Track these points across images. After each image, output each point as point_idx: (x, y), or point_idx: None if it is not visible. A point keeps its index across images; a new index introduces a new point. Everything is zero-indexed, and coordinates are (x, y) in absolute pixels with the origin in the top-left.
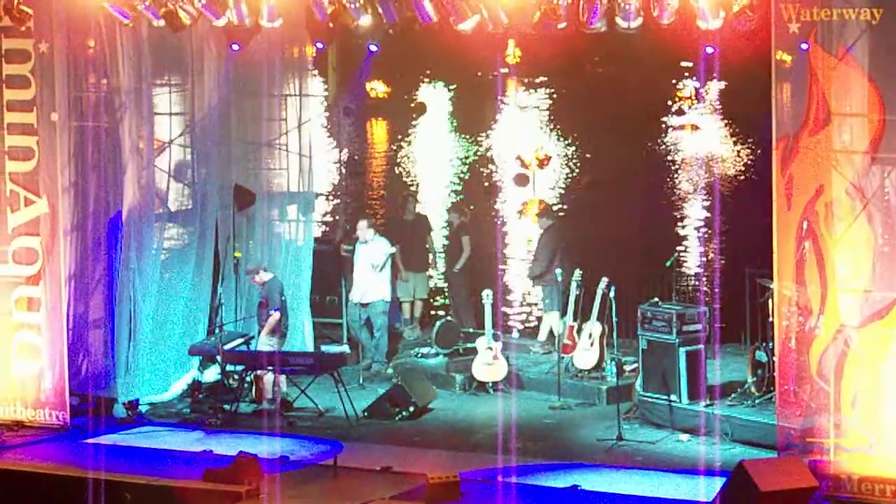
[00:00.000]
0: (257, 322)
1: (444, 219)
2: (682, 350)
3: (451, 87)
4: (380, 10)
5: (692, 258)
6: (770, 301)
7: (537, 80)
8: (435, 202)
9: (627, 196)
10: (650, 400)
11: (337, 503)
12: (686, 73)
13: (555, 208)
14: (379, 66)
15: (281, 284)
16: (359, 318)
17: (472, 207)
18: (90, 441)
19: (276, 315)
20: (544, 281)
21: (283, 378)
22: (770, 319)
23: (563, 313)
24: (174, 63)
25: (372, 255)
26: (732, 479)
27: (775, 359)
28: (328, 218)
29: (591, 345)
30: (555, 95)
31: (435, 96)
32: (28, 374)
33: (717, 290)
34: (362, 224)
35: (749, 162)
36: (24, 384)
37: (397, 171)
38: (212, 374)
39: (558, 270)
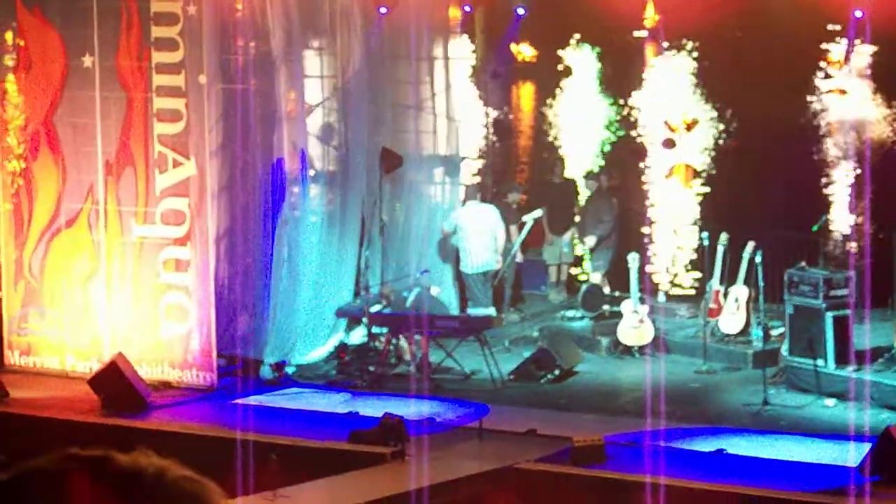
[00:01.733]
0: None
1: (592, 182)
2: (829, 315)
3: (598, 50)
4: None
5: (840, 223)
6: None
7: (682, 44)
8: (582, 165)
9: (774, 160)
10: (796, 365)
11: (482, 465)
12: (834, 38)
13: (702, 172)
14: (526, 29)
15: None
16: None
17: (618, 171)
18: (237, 402)
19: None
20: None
21: (429, 340)
22: None
23: (710, 277)
24: (322, 26)
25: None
26: (879, 444)
27: None
28: (475, 180)
29: (738, 309)
30: (700, 59)
31: (581, 59)
32: (176, 335)
33: (864, 255)
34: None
35: None
36: (171, 345)
37: (544, 135)
38: (358, 336)
39: (705, 234)
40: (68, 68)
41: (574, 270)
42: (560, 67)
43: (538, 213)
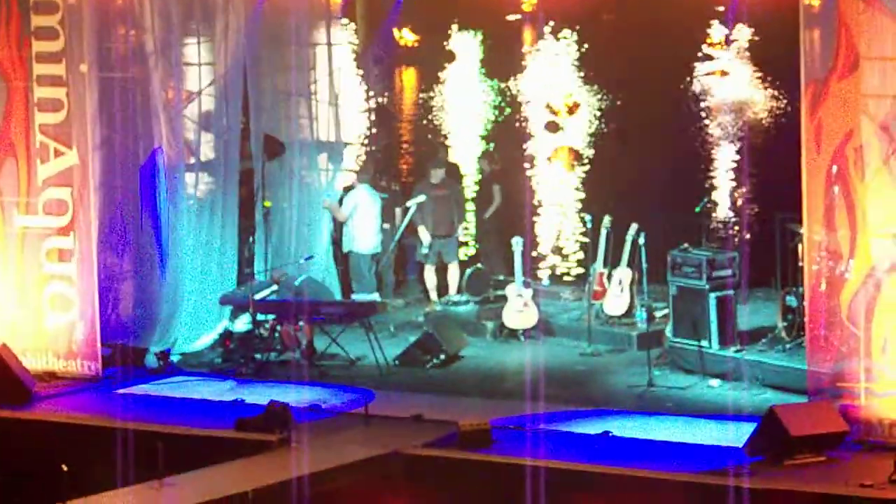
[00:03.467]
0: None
1: (475, 166)
2: (712, 296)
3: (479, 34)
4: None
5: (722, 204)
6: (800, 246)
7: (563, 28)
8: (465, 150)
9: (657, 142)
10: (680, 346)
11: (368, 451)
12: (715, 19)
13: (585, 155)
14: (408, 14)
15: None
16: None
17: (501, 155)
18: (122, 391)
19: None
20: None
21: (313, 327)
22: (800, 264)
23: (594, 259)
24: (202, 13)
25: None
26: (763, 424)
27: (805, 304)
28: (358, 166)
29: (622, 291)
30: (581, 42)
31: (463, 43)
32: (60, 325)
33: (746, 236)
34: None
35: (778, 107)
36: (56, 335)
37: (427, 120)
38: (242, 324)
39: (588, 216)
40: None
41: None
42: (442, 52)
43: (421, 198)
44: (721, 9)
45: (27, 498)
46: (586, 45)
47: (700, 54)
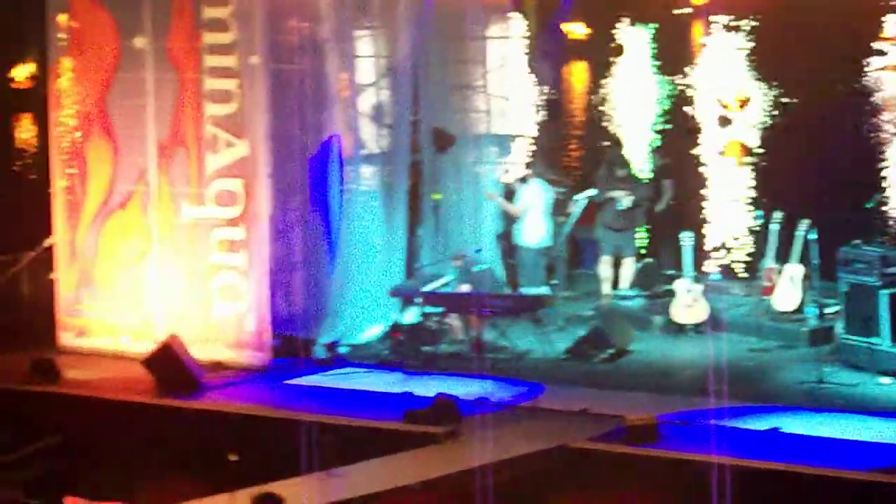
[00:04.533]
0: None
1: (645, 161)
2: (884, 292)
3: (649, 28)
4: None
5: (894, 200)
6: None
7: (734, 21)
8: (635, 144)
9: (829, 137)
10: (851, 342)
11: (535, 445)
12: (889, 14)
13: (755, 149)
14: (577, 8)
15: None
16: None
17: (671, 149)
18: (290, 382)
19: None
20: None
21: (482, 320)
22: None
23: (763, 255)
24: (374, 5)
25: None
26: None
27: None
28: (527, 160)
29: (792, 287)
30: (753, 36)
31: (633, 37)
32: (229, 315)
33: None
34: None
35: None
36: (224, 325)
37: (597, 113)
38: (411, 316)
39: (758, 212)
40: (120, 50)
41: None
42: (612, 46)
43: (591, 192)
44: (893, 2)
45: (195, 487)
46: (756, 40)
47: (873, 49)
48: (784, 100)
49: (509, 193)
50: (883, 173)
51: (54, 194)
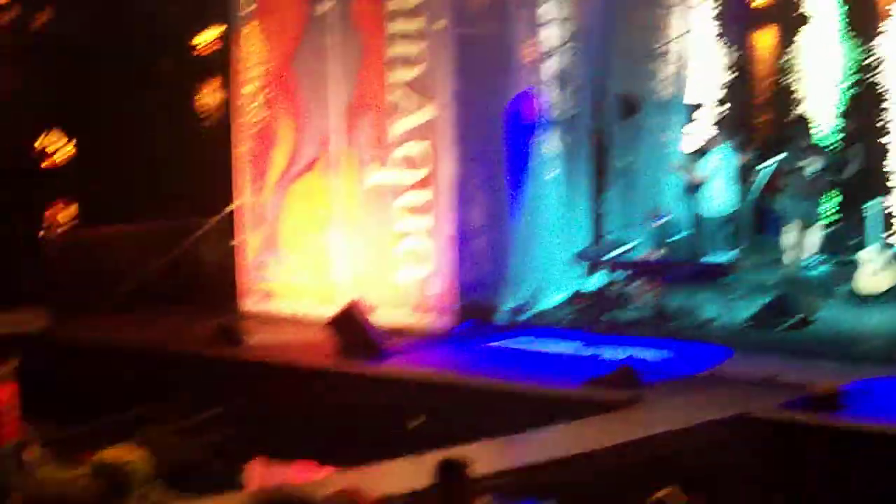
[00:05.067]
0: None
1: (833, 128)
2: None
3: None
4: None
5: None
6: None
7: None
8: (822, 111)
9: None
10: None
11: (718, 413)
12: None
13: None
14: None
15: None
16: None
17: (860, 116)
18: (473, 347)
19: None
20: None
21: (667, 286)
22: None
23: None
24: None
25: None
26: None
27: None
28: (712, 127)
29: None
30: None
31: (820, 3)
32: (413, 279)
33: None
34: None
35: None
36: (408, 290)
37: (783, 81)
38: (595, 282)
39: None
40: (306, 15)
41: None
42: (798, 12)
43: (777, 159)
44: None
45: (377, 452)
46: None
47: None
48: None
49: (693, 160)
50: None
51: (238, 159)
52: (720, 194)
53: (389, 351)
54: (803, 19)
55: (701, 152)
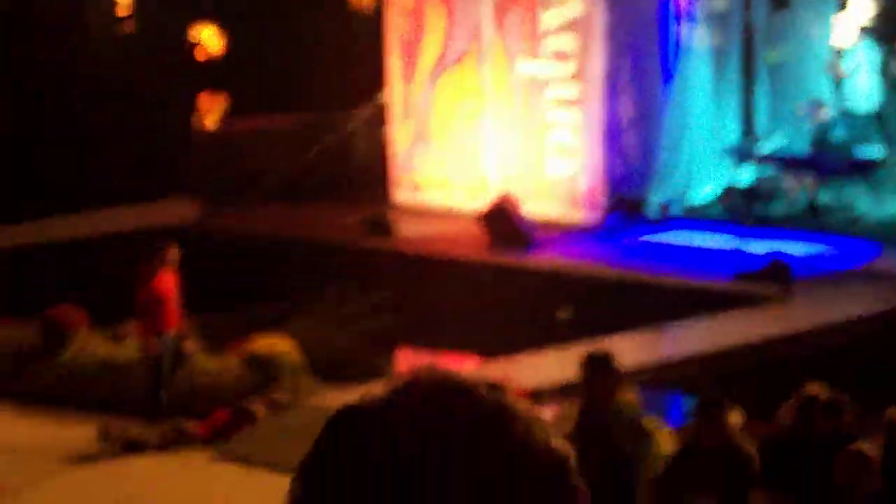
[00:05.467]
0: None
1: None
2: None
3: None
4: None
5: None
6: None
7: None
8: None
9: None
10: None
11: (870, 307)
12: None
13: None
14: None
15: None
16: None
17: None
18: (623, 241)
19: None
20: None
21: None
22: None
23: None
24: None
25: None
26: None
27: None
28: (862, 20)
29: None
30: None
31: None
32: (563, 173)
33: None
34: None
35: None
36: (558, 183)
37: None
38: (745, 177)
39: None
40: None
41: None
42: None
43: None
44: None
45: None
46: None
47: None
48: None
49: (842, 55)
50: None
51: (389, 51)
52: (868, 89)
53: (539, 243)
54: None
55: (850, 47)
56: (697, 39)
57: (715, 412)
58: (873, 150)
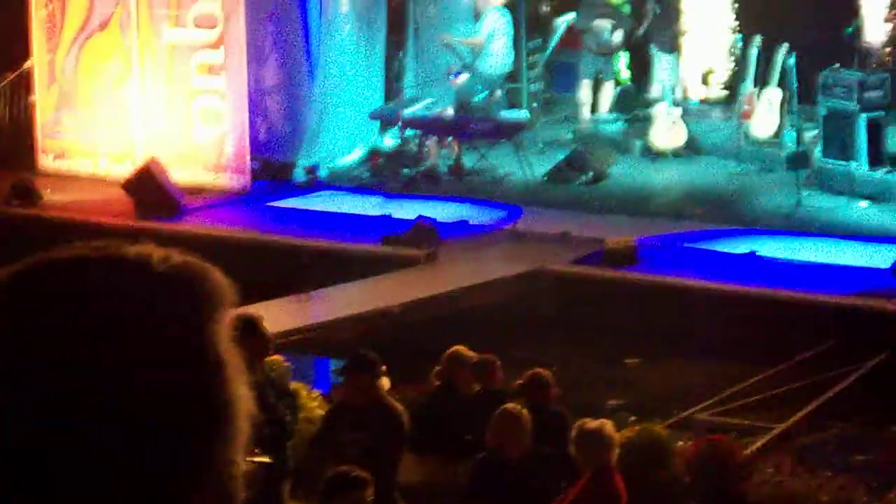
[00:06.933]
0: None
1: None
2: (862, 116)
3: None
4: None
5: (875, 25)
6: None
7: None
8: None
9: None
10: (829, 166)
11: (515, 267)
12: None
13: None
14: None
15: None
16: None
17: None
18: (270, 205)
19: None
20: None
21: (462, 143)
22: None
23: (744, 79)
24: None
25: None
26: None
27: None
28: None
29: (771, 111)
30: None
31: None
32: (209, 138)
33: None
34: None
35: None
36: (205, 149)
37: None
38: (391, 140)
39: (738, 36)
40: None
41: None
42: None
43: (570, 15)
44: None
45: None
46: None
47: None
48: None
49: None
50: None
51: (32, 16)
52: (505, 52)
53: (187, 209)
54: None
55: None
56: (342, 4)
57: (364, 372)
58: (517, 113)
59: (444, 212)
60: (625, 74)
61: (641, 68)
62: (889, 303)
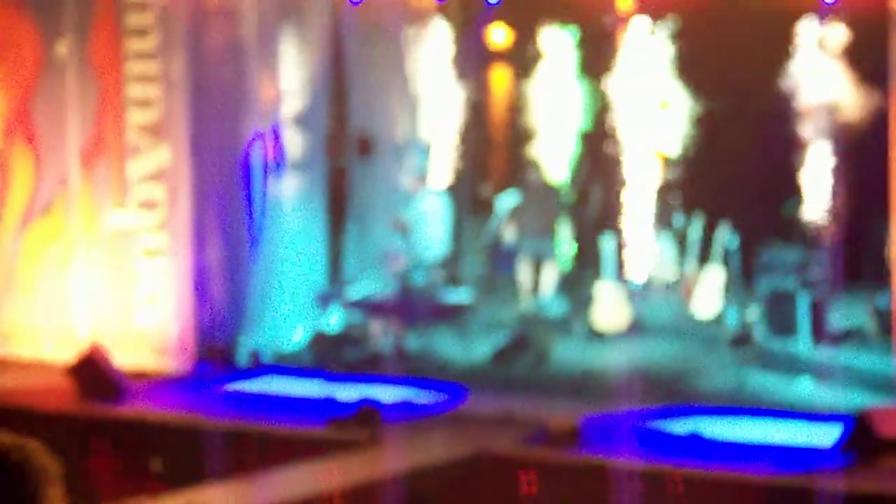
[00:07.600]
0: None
1: (569, 166)
2: (803, 295)
3: (573, 32)
4: None
5: (813, 203)
6: (889, 247)
7: (655, 25)
8: (558, 150)
9: (747, 141)
10: (772, 345)
11: (457, 450)
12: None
13: (676, 154)
14: (500, 12)
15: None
16: None
17: (594, 155)
18: (213, 389)
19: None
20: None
21: (404, 326)
22: (889, 265)
23: (684, 260)
24: (295, 11)
25: None
26: (853, 425)
27: (894, 304)
28: (446, 167)
29: (712, 291)
30: (676, 41)
31: (557, 43)
32: (152, 322)
33: (837, 236)
34: None
35: (871, 109)
36: (147, 332)
37: (519, 119)
38: (334, 322)
39: (678, 215)
40: (42, 56)
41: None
42: (534, 51)
43: (513, 198)
44: (815, 6)
45: (118, 494)
46: (679, 45)
47: (794, 52)
48: (705, 104)
49: (417, 201)
50: (802, 177)
51: None
52: (444, 235)
53: (130, 394)
54: (539, 59)
55: (425, 192)
56: (284, 187)
57: None
58: (459, 295)
59: (387, 393)
60: (566, 255)
61: (584, 249)
62: (830, 482)
